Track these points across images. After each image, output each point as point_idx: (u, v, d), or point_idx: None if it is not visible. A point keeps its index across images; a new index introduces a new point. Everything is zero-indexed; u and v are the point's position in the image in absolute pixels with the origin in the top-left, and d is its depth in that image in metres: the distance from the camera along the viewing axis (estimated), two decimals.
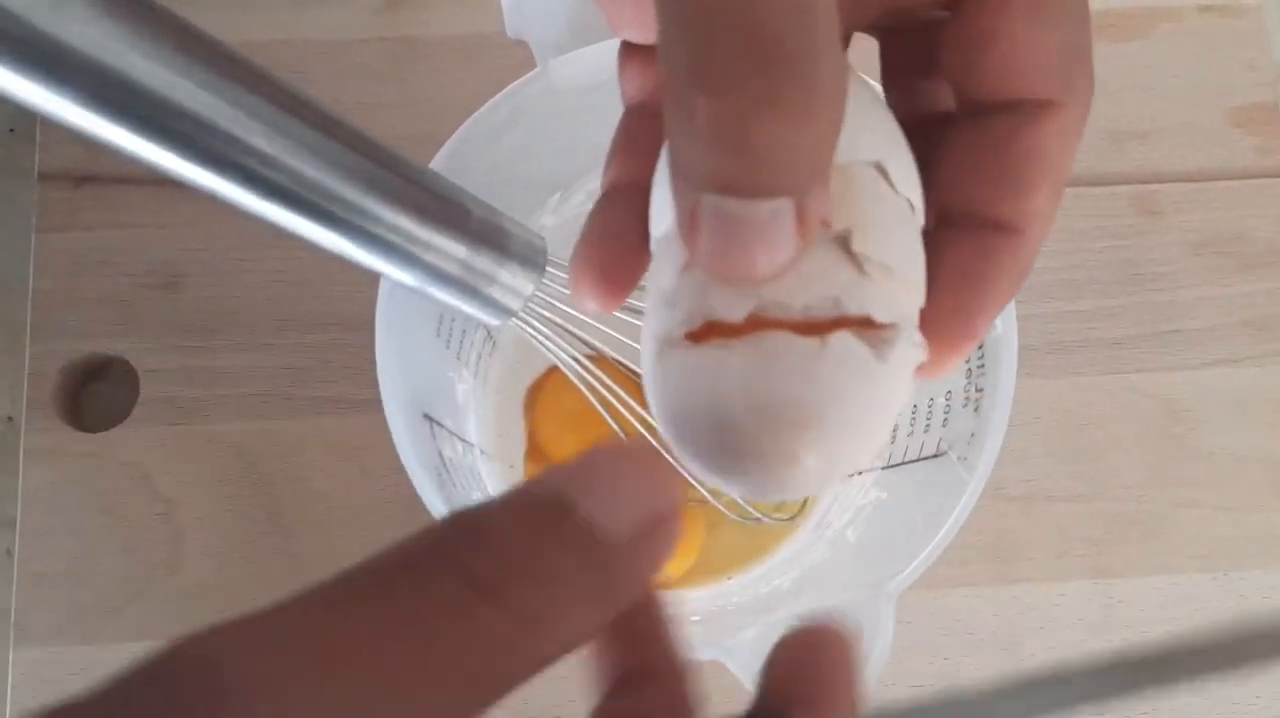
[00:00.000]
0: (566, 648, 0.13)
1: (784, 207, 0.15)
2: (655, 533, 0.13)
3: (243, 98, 0.21)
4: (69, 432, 0.41)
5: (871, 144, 0.18)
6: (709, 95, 0.14)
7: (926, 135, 0.19)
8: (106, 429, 0.41)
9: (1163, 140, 0.47)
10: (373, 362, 0.42)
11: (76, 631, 0.39)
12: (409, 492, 0.29)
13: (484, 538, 0.12)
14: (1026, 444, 0.42)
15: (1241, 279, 0.45)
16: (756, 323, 0.16)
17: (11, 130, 0.47)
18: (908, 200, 0.18)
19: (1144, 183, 0.46)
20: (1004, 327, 0.28)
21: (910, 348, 0.17)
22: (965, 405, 0.29)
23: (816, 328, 0.16)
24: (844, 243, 0.17)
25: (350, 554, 0.40)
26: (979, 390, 0.28)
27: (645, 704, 0.15)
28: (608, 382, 0.34)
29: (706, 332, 0.17)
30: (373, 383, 0.42)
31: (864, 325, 0.16)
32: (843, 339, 0.16)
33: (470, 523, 0.13)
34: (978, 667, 0.40)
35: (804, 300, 0.16)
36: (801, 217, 0.15)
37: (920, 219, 0.18)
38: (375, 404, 0.42)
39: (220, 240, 0.43)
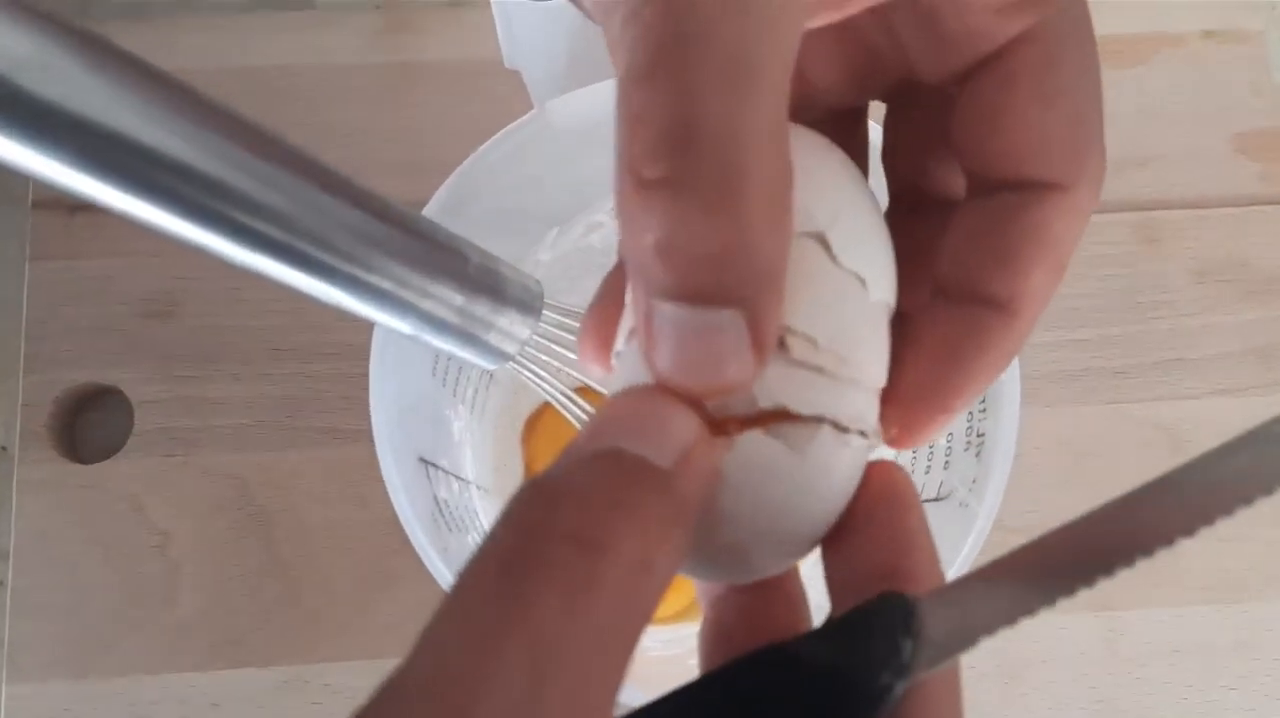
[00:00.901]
0: (672, 571, 0.14)
1: (727, 319, 0.14)
2: (695, 451, 0.15)
3: (230, 151, 0.20)
4: (63, 463, 0.41)
5: (816, 212, 0.17)
6: (629, 188, 0.14)
7: (936, 215, 0.19)
8: (101, 460, 0.41)
9: (1165, 167, 0.46)
10: (369, 393, 0.42)
11: (70, 665, 0.39)
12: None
13: (571, 500, 0.13)
14: (1028, 474, 0.42)
15: (1244, 307, 0.45)
16: None
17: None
18: (855, 275, 0.17)
19: (1146, 209, 0.46)
20: (1006, 372, 0.28)
21: (836, 438, 0.16)
22: (967, 450, 0.29)
23: (727, 426, 0.16)
24: None
25: (347, 586, 0.40)
26: (980, 435, 0.28)
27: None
28: None
29: None
30: (368, 414, 0.42)
31: (783, 418, 0.16)
32: (750, 440, 0.16)
33: (550, 492, 0.13)
34: (978, 700, 0.40)
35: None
36: (753, 328, 0.15)
37: (880, 295, 0.17)
38: (371, 435, 0.41)
39: (215, 269, 0.43)
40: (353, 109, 0.46)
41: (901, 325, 0.18)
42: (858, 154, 0.20)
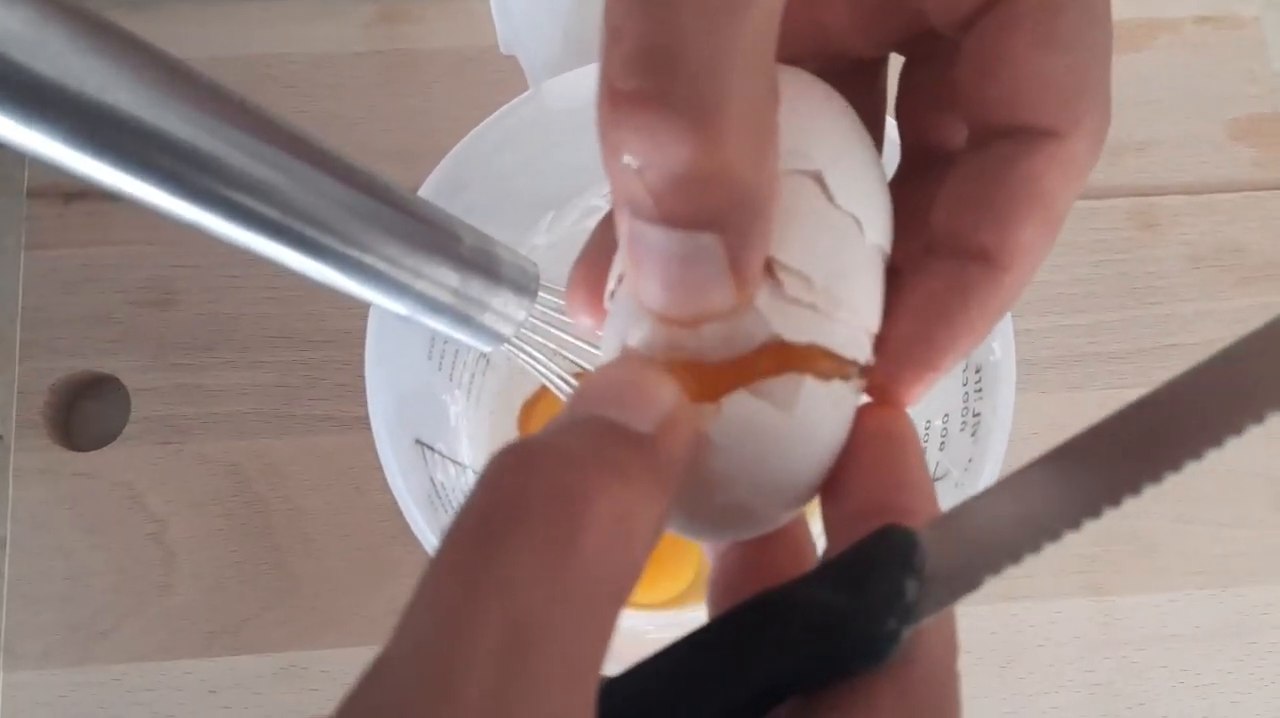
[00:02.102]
0: (655, 535, 0.14)
1: (706, 243, 0.14)
2: (676, 416, 0.15)
3: (226, 129, 0.20)
4: (59, 451, 0.41)
5: (813, 153, 0.17)
6: (605, 101, 0.14)
7: (941, 170, 0.18)
8: (97, 448, 0.41)
9: (1161, 153, 0.46)
10: (364, 378, 0.42)
11: (67, 653, 0.39)
12: (402, 512, 0.29)
13: (549, 458, 0.13)
14: (1023, 460, 0.42)
15: (1240, 293, 0.45)
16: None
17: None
18: (852, 216, 0.17)
19: (1142, 195, 0.46)
20: (1002, 351, 0.28)
21: (823, 390, 0.16)
22: (963, 430, 0.29)
23: (717, 387, 0.16)
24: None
25: (344, 573, 0.40)
26: (976, 415, 0.28)
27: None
28: None
29: None
30: (365, 402, 0.42)
31: (779, 351, 0.16)
32: (737, 401, 0.16)
33: (528, 452, 0.13)
34: (975, 685, 0.40)
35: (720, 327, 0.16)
36: (734, 254, 0.15)
37: (875, 239, 0.17)
38: (368, 422, 0.41)
39: (212, 257, 0.43)
40: (349, 97, 0.46)
41: (895, 280, 0.18)
42: (875, 109, 0.20)
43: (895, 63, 0.20)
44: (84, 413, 0.43)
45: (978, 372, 0.29)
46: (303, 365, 0.42)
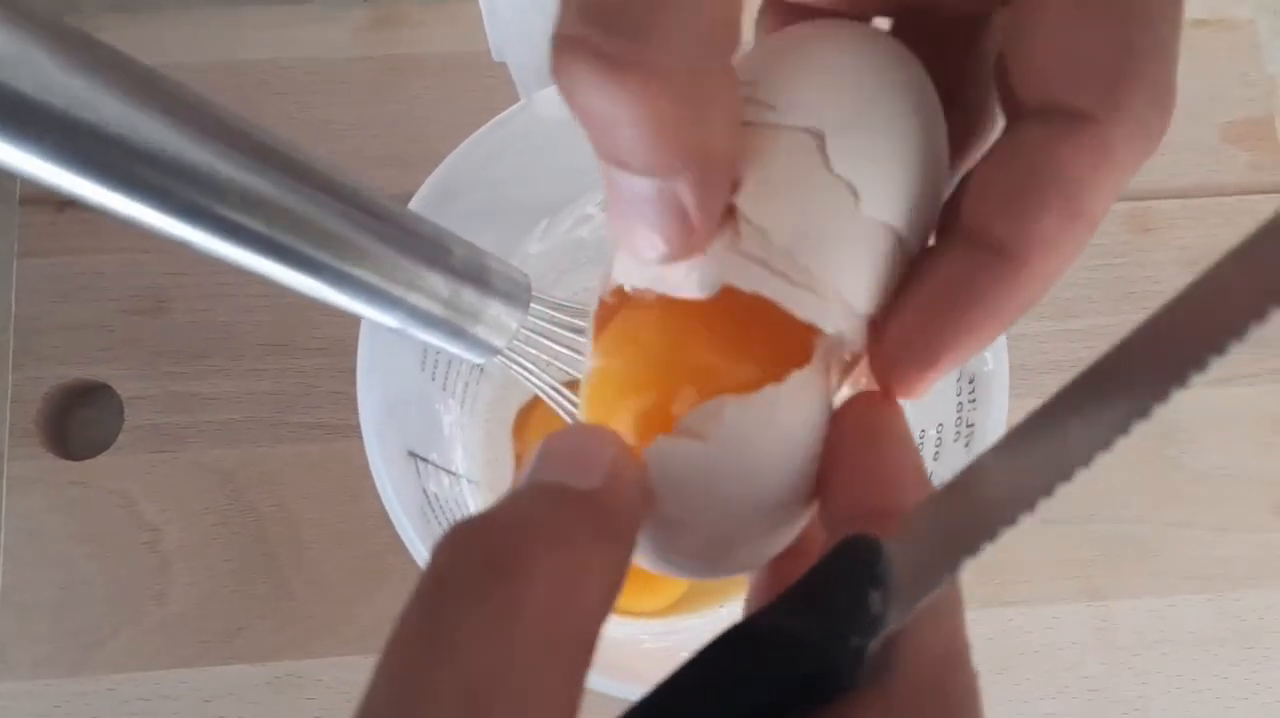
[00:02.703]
0: (610, 585, 0.14)
1: (646, 187, 0.14)
2: (620, 468, 0.15)
3: (211, 144, 0.20)
4: (53, 459, 0.41)
5: (819, 111, 0.16)
6: (553, 54, 0.14)
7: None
8: (91, 457, 0.41)
9: (1156, 156, 0.46)
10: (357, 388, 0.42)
11: (61, 662, 0.39)
12: None
13: (484, 531, 0.13)
14: None
15: None
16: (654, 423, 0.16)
17: None
18: (847, 184, 0.16)
19: (1137, 199, 0.46)
20: (995, 361, 0.28)
21: (750, 404, 0.15)
22: (956, 440, 0.29)
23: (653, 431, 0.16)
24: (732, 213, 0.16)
25: (339, 582, 0.40)
26: (970, 426, 0.28)
27: None
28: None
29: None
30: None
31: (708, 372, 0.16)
32: (672, 447, 0.16)
33: (467, 529, 0.13)
34: None
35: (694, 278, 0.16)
36: (674, 201, 0.15)
37: (877, 214, 0.16)
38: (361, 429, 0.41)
39: (205, 265, 0.42)
40: (342, 103, 0.46)
41: (914, 266, 0.17)
42: (970, 74, 0.18)
43: None
44: (77, 421, 0.43)
45: (971, 382, 0.28)
46: (296, 373, 0.42)
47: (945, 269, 0.16)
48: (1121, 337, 0.14)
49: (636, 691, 0.14)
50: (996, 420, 0.28)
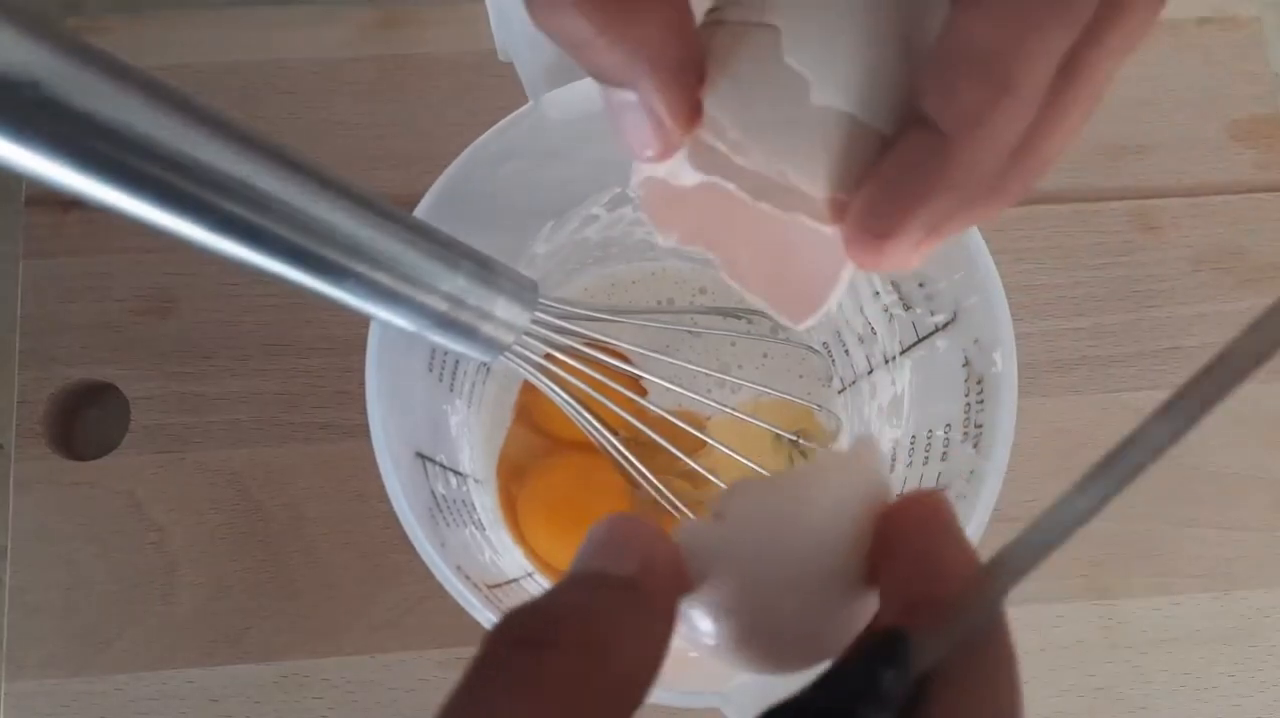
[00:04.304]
0: (647, 668, 0.15)
1: (635, 98, 0.17)
2: (656, 555, 0.16)
3: (225, 150, 0.20)
4: (59, 460, 0.41)
5: (775, 7, 0.17)
6: None
7: None
8: (98, 457, 0.41)
9: (1161, 155, 0.46)
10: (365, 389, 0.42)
11: (69, 662, 0.39)
12: None
13: (522, 613, 0.14)
14: (1024, 463, 0.42)
15: (1240, 295, 0.45)
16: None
17: None
18: (800, 74, 0.17)
19: (1142, 198, 0.46)
20: (1004, 363, 0.28)
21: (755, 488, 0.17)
22: (965, 440, 0.29)
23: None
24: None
25: (345, 581, 0.40)
26: (978, 427, 0.28)
27: None
28: (601, 429, 0.34)
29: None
30: (365, 409, 0.41)
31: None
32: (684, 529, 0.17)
33: (510, 613, 0.15)
34: None
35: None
36: (645, 104, 0.17)
37: (831, 101, 0.17)
38: (369, 430, 0.41)
39: (211, 264, 0.42)
40: (347, 103, 0.46)
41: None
42: None
43: None
44: (84, 422, 0.43)
45: (979, 383, 0.28)
46: (303, 373, 0.42)
47: (895, 149, 0.17)
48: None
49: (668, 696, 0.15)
50: (1005, 421, 0.28)
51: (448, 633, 0.39)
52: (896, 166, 0.17)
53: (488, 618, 0.27)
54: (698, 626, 0.17)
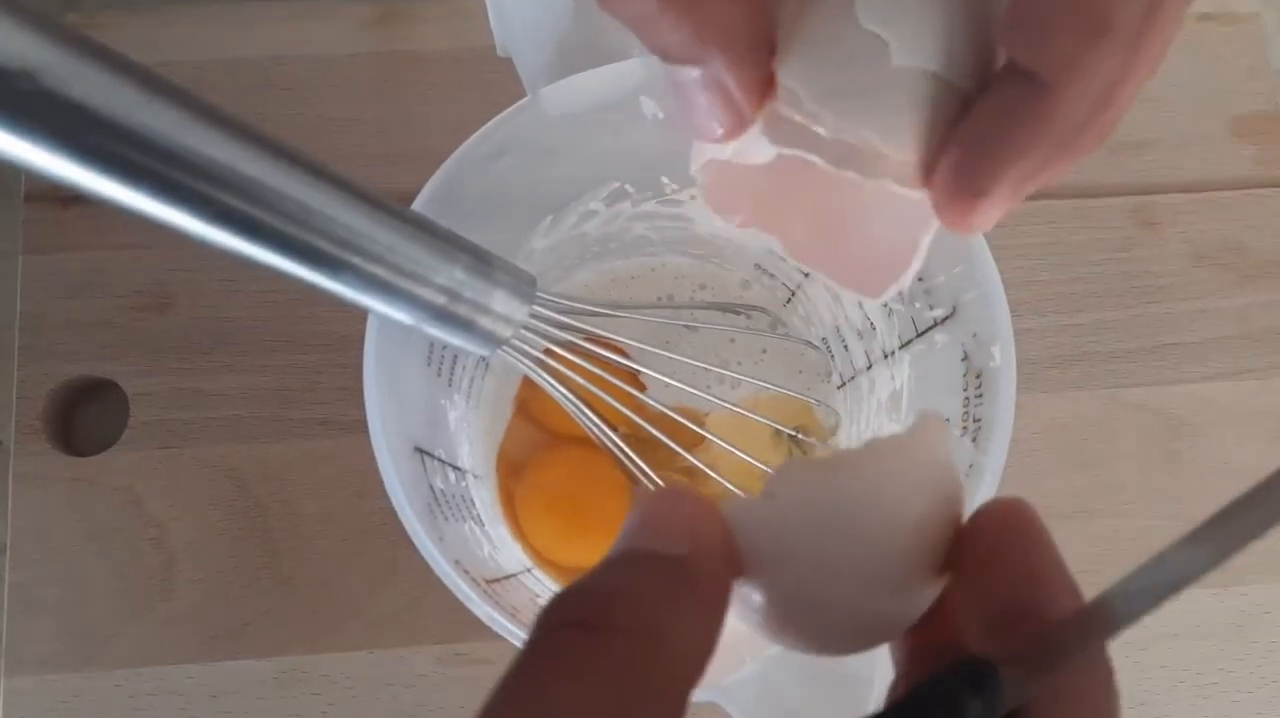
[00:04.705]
0: (700, 652, 0.14)
1: (701, 75, 0.17)
2: (706, 534, 0.16)
3: (225, 145, 0.20)
4: (59, 456, 0.41)
5: None
6: None
7: None
8: (97, 453, 0.41)
9: (1161, 150, 0.46)
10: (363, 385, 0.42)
11: (68, 658, 0.39)
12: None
13: (573, 594, 0.14)
14: (1025, 459, 0.42)
15: (1241, 291, 0.45)
16: None
17: None
18: (876, 36, 0.17)
19: (1142, 194, 0.46)
20: (1002, 357, 0.28)
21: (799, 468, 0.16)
22: (964, 434, 0.29)
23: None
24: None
25: (343, 577, 0.40)
26: (977, 421, 0.28)
27: None
28: (600, 424, 0.34)
29: None
30: (364, 405, 0.41)
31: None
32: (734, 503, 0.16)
33: (562, 594, 0.14)
34: None
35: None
36: (714, 83, 0.17)
37: (910, 60, 0.17)
38: (367, 426, 0.41)
39: (209, 261, 0.43)
40: (345, 99, 0.46)
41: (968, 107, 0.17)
42: None
43: None
44: (83, 418, 0.43)
45: (978, 377, 0.28)
46: (301, 369, 0.42)
47: (984, 102, 0.17)
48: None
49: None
50: (1003, 415, 0.27)
51: (446, 629, 0.39)
52: (989, 121, 0.17)
53: (486, 613, 0.27)
54: (745, 602, 0.17)
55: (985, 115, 0.17)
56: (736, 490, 0.36)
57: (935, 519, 0.16)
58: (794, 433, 0.39)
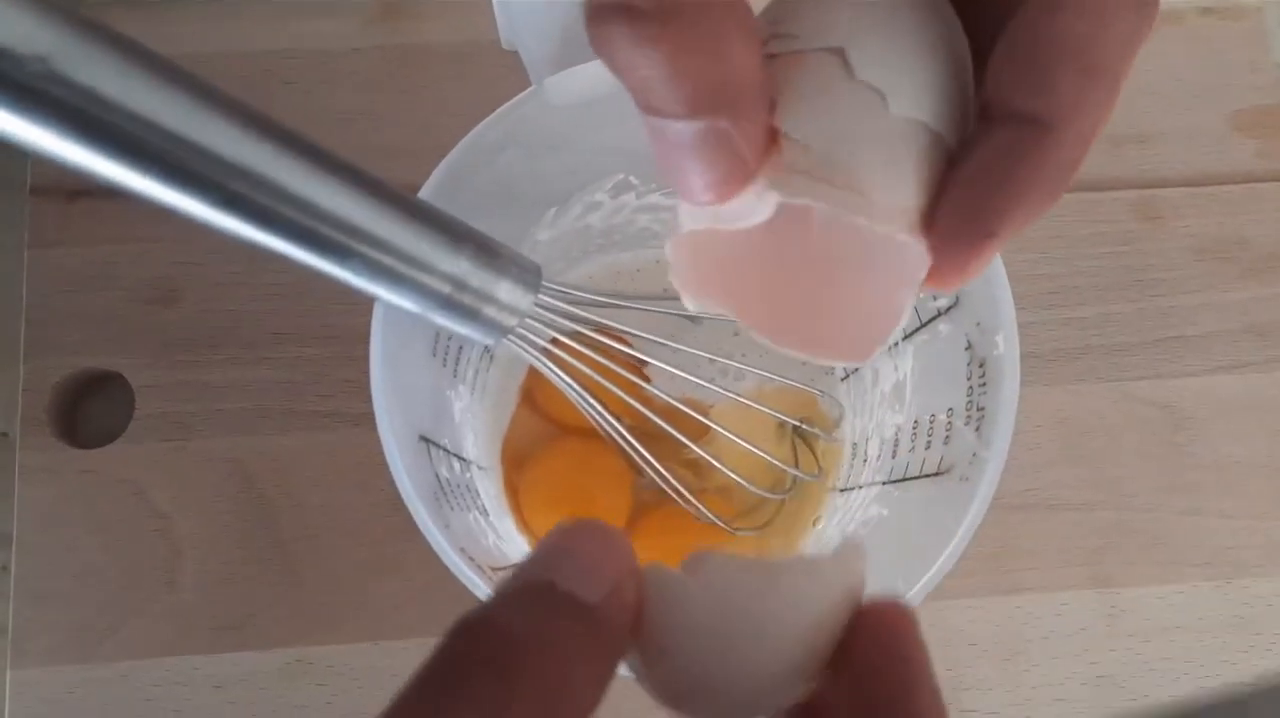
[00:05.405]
0: (596, 695, 0.15)
1: (698, 129, 0.16)
2: (624, 588, 0.16)
3: (233, 132, 0.20)
4: (64, 448, 0.41)
5: (838, 30, 0.17)
6: (587, 20, 0.16)
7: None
8: (102, 445, 0.41)
9: (1163, 144, 0.46)
10: (369, 376, 0.42)
11: (73, 649, 0.39)
12: (407, 508, 0.29)
13: (491, 630, 0.14)
14: (1027, 452, 0.42)
15: (1243, 284, 0.45)
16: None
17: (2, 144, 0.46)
18: (873, 89, 0.17)
19: (1145, 188, 0.46)
20: (1006, 345, 0.28)
21: (809, 570, 0.16)
22: (967, 424, 0.29)
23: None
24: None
25: (348, 569, 0.40)
26: (980, 409, 0.28)
27: None
28: (605, 414, 0.34)
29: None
30: (369, 397, 0.42)
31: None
32: (714, 562, 0.16)
33: (476, 623, 0.15)
34: (979, 677, 0.40)
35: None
36: (715, 137, 0.16)
37: (905, 111, 0.17)
38: (372, 418, 0.41)
39: (215, 254, 0.43)
40: (349, 93, 0.46)
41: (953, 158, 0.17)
42: None
43: None
44: (88, 410, 0.43)
45: (981, 366, 0.29)
46: (306, 362, 0.42)
47: (983, 146, 0.17)
48: None
49: None
50: (1007, 405, 0.28)
51: (450, 620, 0.39)
52: (992, 163, 0.17)
53: None
54: (638, 661, 0.17)
55: (986, 158, 0.17)
56: (742, 482, 0.36)
57: (831, 632, 0.16)
58: (799, 423, 0.39)
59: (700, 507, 0.37)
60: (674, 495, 0.37)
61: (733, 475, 0.36)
